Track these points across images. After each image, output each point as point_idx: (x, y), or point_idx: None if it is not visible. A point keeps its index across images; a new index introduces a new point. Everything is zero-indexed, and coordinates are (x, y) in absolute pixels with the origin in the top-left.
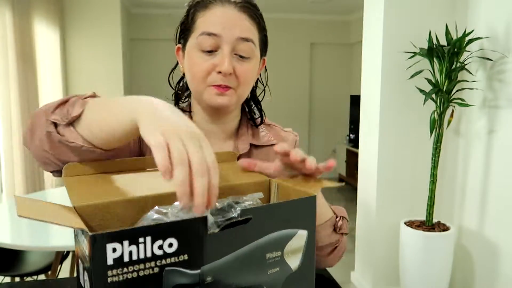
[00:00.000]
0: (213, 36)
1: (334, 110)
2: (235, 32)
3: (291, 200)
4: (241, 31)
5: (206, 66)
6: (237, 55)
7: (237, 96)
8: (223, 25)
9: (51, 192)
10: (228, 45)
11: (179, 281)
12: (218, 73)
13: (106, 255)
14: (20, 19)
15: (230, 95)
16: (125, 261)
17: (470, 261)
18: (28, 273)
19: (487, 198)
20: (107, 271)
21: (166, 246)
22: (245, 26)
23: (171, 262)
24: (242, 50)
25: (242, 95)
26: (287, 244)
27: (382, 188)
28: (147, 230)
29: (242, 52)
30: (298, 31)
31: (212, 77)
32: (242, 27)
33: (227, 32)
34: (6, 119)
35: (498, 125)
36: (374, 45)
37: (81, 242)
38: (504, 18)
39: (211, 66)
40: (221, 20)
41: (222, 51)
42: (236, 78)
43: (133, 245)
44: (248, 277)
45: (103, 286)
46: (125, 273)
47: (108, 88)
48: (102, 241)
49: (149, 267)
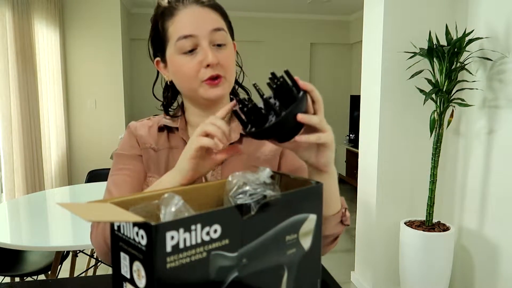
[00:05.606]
0: (189, 37)
1: (334, 110)
2: (207, 26)
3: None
4: (211, 24)
5: (193, 65)
6: (215, 45)
7: (228, 83)
8: (195, 24)
9: (51, 192)
10: (205, 40)
11: (222, 263)
12: (207, 67)
13: (166, 242)
14: (20, 19)
15: (223, 84)
16: (180, 247)
17: (470, 261)
18: (28, 273)
19: (487, 198)
20: (166, 258)
21: (212, 232)
22: (213, 18)
23: (216, 246)
24: (218, 39)
25: (231, 81)
26: (302, 227)
27: (382, 188)
28: (198, 218)
29: (219, 41)
30: (298, 31)
31: (202, 73)
32: (211, 20)
33: (200, 29)
34: (6, 119)
35: (498, 125)
36: (374, 45)
37: (130, 235)
38: (504, 18)
39: (197, 63)
40: (191, 21)
41: (202, 47)
42: (221, 67)
43: (187, 232)
44: (272, 258)
45: (162, 272)
46: (181, 259)
47: (108, 88)
48: (163, 229)
49: (199, 252)
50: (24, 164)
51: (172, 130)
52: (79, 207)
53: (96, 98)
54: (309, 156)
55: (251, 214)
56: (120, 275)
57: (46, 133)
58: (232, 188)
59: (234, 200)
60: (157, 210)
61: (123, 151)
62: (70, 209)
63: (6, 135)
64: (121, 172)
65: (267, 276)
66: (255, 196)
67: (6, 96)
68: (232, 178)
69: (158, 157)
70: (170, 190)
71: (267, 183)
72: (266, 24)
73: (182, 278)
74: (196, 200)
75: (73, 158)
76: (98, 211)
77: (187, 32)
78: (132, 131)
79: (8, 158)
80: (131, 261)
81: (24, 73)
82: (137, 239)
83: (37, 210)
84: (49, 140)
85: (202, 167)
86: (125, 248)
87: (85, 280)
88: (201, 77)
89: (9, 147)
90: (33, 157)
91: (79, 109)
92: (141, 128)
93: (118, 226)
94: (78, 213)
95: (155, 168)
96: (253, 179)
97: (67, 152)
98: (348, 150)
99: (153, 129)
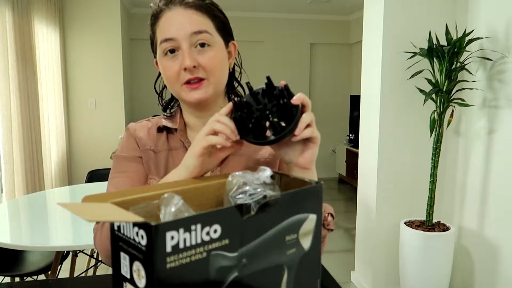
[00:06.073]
0: (169, 40)
1: (334, 110)
2: (186, 29)
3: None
4: (191, 26)
5: (174, 68)
6: (199, 45)
7: (213, 85)
8: (175, 27)
9: (51, 192)
10: (185, 42)
11: (222, 263)
12: (184, 70)
13: (166, 243)
14: (20, 19)
15: (205, 87)
16: (180, 247)
17: (470, 261)
18: (28, 273)
19: (487, 198)
20: (166, 258)
21: (212, 232)
22: (194, 20)
23: (216, 246)
24: (200, 41)
25: (218, 83)
26: (301, 227)
27: (382, 188)
28: (198, 218)
29: (201, 43)
30: (298, 31)
31: (182, 76)
32: (192, 23)
33: (180, 32)
34: (6, 119)
35: (498, 125)
36: (374, 45)
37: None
38: (504, 18)
39: (177, 66)
40: (170, 24)
41: (182, 49)
42: (203, 69)
43: (187, 233)
44: (272, 258)
45: (162, 272)
46: (181, 259)
47: (108, 88)
48: (163, 230)
49: (199, 252)
50: (24, 164)
51: (171, 131)
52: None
53: (96, 98)
54: (293, 155)
55: (251, 214)
56: (120, 275)
57: (46, 133)
58: (232, 188)
59: (234, 200)
60: (157, 210)
61: (123, 153)
62: (70, 209)
63: (6, 135)
64: (122, 175)
65: (267, 276)
66: (255, 196)
67: (6, 96)
68: (232, 178)
69: (157, 159)
70: (170, 190)
71: (267, 183)
72: (266, 24)
73: (182, 278)
74: (196, 200)
75: (73, 158)
76: (98, 211)
77: (167, 35)
78: (131, 132)
79: (8, 158)
80: (131, 261)
81: (24, 73)
82: (137, 239)
83: (37, 210)
84: (49, 140)
85: (207, 163)
86: (125, 248)
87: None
88: (181, 80)
89: (9, 147)
90: (33, 157)
91: (79, 109)
92: (140, 130)
93: (118, 226)
94: (78, 213)
95: (155, 169)
96: (253, 179)
97: (67, 152)
98: (348, 150)
99: (152, 131)
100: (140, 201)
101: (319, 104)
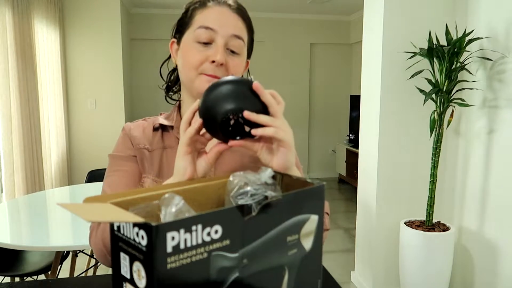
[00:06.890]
0: (209, 30)
1: (334, 110)
2: (229, 29)
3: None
4: (234, 29)
5: (200, 56)
6: (229, 50)
7: None
8: (219, 22)
9: (51, 192)
10: (222, 39)
11: (223, 264)
12: (212, 62)
13: (166, 243)
14: (20, 19)
15: None
16: (181, 248)
17: (470, 261)
18: (28, 273)
19: (487, 198)
20: (166, 258)
21: (213, 233)
22: (238, 25)
23: (217, 247)
24: (234, 46)
25: None
26: (303, 227)
27: (382, 188)
28: (199, 218)
29: (234, 48)
30: (298, 31)
31: (205, 66)
32: (235, 26)
33: (222, 28)
34: (6, 119)
35: (498, 125)
36: (374, 45)
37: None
38: (504, 18)
39: (204, 56)
40: (217, 17)
41: (216, 44)
42: (226, 71)
43: (188, 233)
44: (273, 259)
45: (163, 273)
46: (181, 259)
47: (108, 88)
48: (163, 230)
49: (200, 253)
50: (24, 164)
51: (167, 129)
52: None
53: (96, 98)
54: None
55: (252, 214)
56: (120, 275)
57: (46, 133)
58: (233, 189)
59: (235, 200)
60: (158, 210)
61: (118, 152)
62: (70, 209)
63: (6, 135)
64: (116, 174)
65: (268, 277)
66: (256, 197)
67: (6, 96)
68: (233, 178)
69: (152, 157)
70: (170, 190)
71: (268, 183)
72: (266, 24)
73: (183, 279)
74: (197, 200)
75: (73, 158)
76: (98, 211)
77: (210, 24)
78: (126, 132)
79: (8, 158)
80: (131, 261)
81: (24, 73)
82: (137, 239)
83: (37, 210)
84: (49, 140)
85: (200, 165)
86: (125, 248)
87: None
88: (201, 70)
89: (9, 147)
90: (33, 157)
91: (79, 109)
92: (135, 129)
93: (118, 227)
94: (78, 213)
95: (149, 168)
96: (254, 180)
97: (67, 152)
98: (348, 150)
99: (148, 130)
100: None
101: (319, 104)
